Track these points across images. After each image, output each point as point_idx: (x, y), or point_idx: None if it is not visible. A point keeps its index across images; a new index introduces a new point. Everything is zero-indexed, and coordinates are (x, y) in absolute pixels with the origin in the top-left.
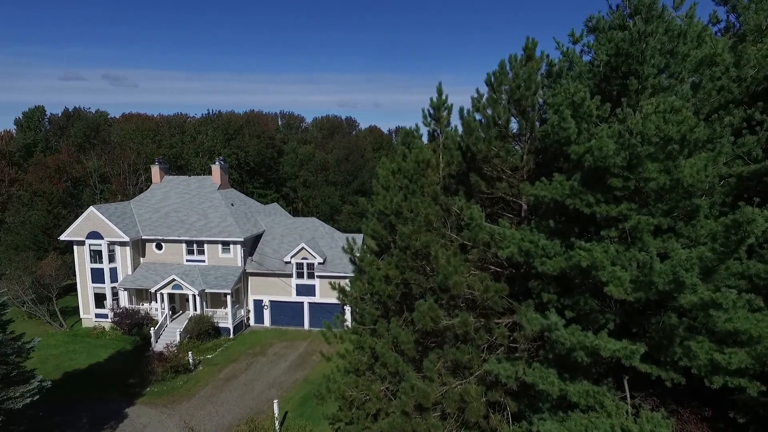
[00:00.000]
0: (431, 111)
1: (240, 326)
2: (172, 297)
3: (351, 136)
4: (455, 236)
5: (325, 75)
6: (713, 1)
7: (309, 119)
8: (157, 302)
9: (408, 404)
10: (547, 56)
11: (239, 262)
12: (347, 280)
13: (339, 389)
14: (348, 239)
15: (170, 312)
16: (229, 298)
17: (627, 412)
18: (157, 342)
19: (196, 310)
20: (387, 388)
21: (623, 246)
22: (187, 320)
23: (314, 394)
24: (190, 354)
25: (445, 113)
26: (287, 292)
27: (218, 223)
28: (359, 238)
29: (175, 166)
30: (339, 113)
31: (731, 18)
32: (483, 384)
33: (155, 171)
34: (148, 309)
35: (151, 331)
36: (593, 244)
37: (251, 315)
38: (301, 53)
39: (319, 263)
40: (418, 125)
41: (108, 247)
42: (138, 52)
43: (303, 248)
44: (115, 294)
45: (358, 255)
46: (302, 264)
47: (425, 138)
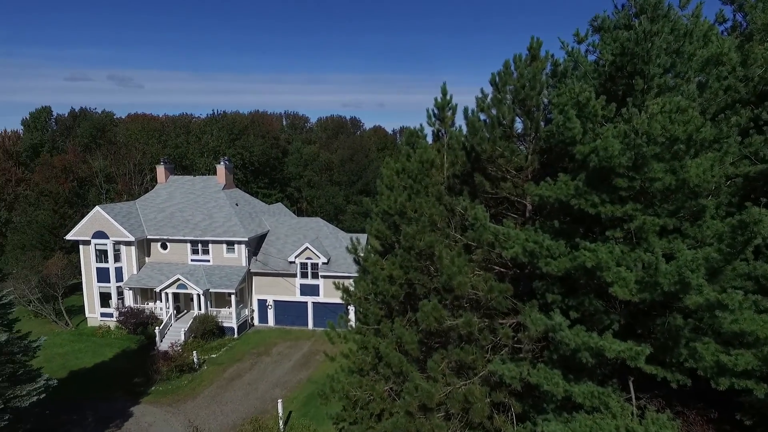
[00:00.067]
0: (435, 111)
1: (244, 326)
2: (176, 296)
3: (355, 136)
4: (459, 236)
5: (330, 75)
6: (720, 0)
7: (313, 119)
8: (161, 302)
9: (412, 404)
10: (552, 56)
11: (244, 262)
12: (351, 280)
13: (343, 389)
14: (352, 239)
15: (175, 311)
16: (233, 297)
17: (632, 414)
18: (161, 341)
19: (200, 309)
20: (391, 388)
21: (628, 246)
22: (192, 320)
23: (318, 394)
24: (194, 353)
25: (449, 113)
26: (291, 291)
27: (223, 223)
28: (363, 238)
29: (180, 166)
30: (343, 113)
31: (738, 17)
32: (487, 384)
33: (160, 171)
34: (153, 308)
35: (156, 330)
36: (598, 245)
37: (255, 315)
38: (305, 53)
39: (323, 263)
40: (422, 125)
41: (113, 246)
42: (143, 52)
43: (307, 248)
44: (120, 293)
45: (362, 255)
46: (306, 264)
47: (430, 138)
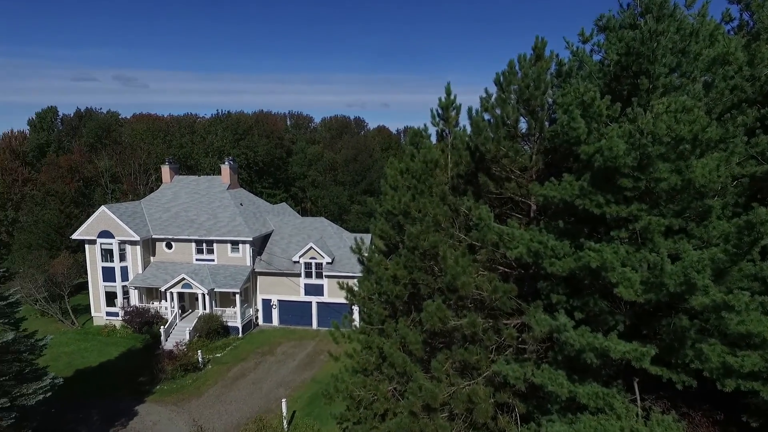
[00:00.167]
0: (440, 111)
1: (249, 325)
2: (181, 296)
3: (359, 136)
4: (464, 236)
5: (334, 75)
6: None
7: (318, 119)
8: (166, 301)
9: (416, 404)
10: (557, 56)
11: (248, 262)
12: (355, 280)
13: (347, 389)
14: (356, 239)
15: (180, 311)
16: (237, 297)
17: (637, 415)
18: (166, 340)
19: (205, 309)
20: (395, 388)
21: (633, 247)
22: (197, 319)
23: (322, 394)
24: (199, 352)
25: (453, 113)
26: (296, 291)
27: (227, 223)
28: (367, 238)
29: (185, 166)
30: (347, 113)
31: (745, 16)
32: (491, 385)
33: (165, 171)
34: (158, 308)
35: (161, 329)
36: (603, 245)
37: (260, 314)
38: (309, 53)
39: (328, 263)
40: (426, 125)
41: (119, 246)
42: (148, 53)
43: (311, 248)
44: (125, 292)
45: (367, 255)
46: (310, 264)
47: (434, 138)
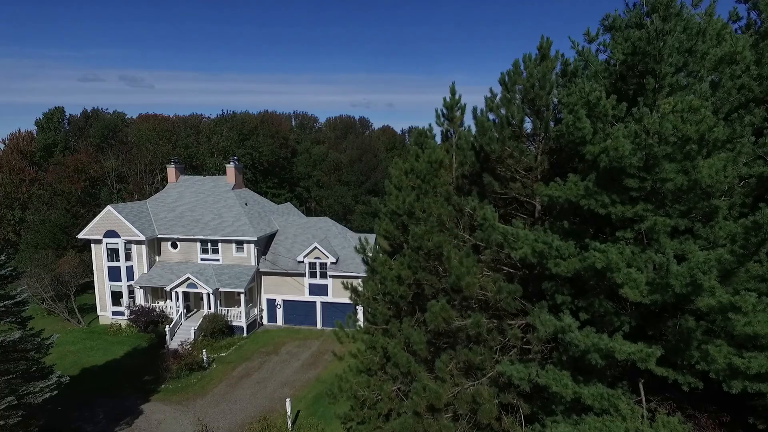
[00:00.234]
0: (444, 111)
1: (253, 325)
2: (186, 295)
3: (364, 136)
4: (468, 237)
5: (338, 75)
6: None
7: (322, 119)
8: (172, 300)
9: (420, 405)
10: (562, 55)
11: (253, 262)
12: (360, 280)
13: (351, 389)
14: (360, 239)
15: (185, 310)
16: (242, 297)
17: (642, 416)
18: (172, 340)
19: (210, 308)
20: (399, 389)
21: (639, 247)
22: (202, 318)
23: (326, 393)
24: (204, 352)
25: (458, 113)
26: (300, 291)
27: (232, 223)
28: (372, 238)
29: (191, 166)
30: (352, 113)
31: (752, 15)
32: (495, 385)
33: (171, 171)
34: (164, 307)
35: (166, 328)
36: (608, 246)
37: (264, 314)
38: (314, 54)
39: (332, 263)
40: (431, 125)
41: (124, 245)
42: (154, 53)
43: (316, 248)
44: (131, 292)
45: (371, 255)
46: (315, 263)
47: (438, 138)
